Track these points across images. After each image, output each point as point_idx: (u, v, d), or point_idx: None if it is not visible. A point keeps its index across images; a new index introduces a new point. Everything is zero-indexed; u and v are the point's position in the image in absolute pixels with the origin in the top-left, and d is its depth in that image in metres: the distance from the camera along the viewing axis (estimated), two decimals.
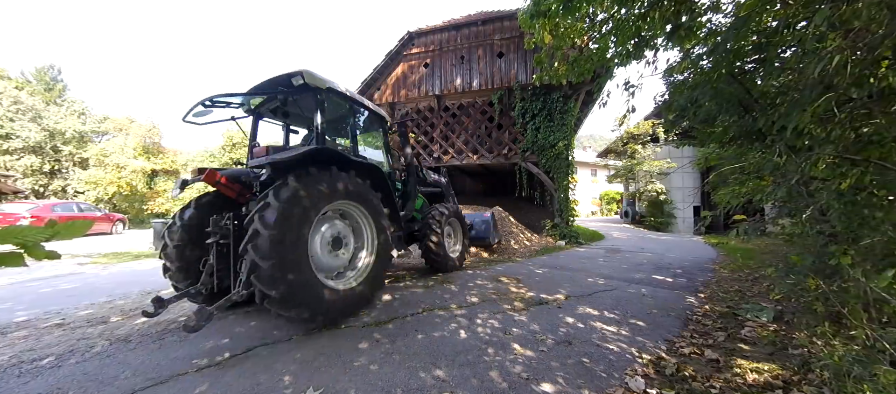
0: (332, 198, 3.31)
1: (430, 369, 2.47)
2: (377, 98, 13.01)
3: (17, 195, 16.94)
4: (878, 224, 2.36)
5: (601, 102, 4.77)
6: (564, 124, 10.51)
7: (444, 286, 4.80)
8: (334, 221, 3.64)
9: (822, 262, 2.86)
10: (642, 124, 18.12)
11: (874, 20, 1.99)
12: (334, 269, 3.59)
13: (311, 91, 3.65)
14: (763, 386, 2.24)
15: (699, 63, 3.66)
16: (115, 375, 2.49)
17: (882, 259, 2.40)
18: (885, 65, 2.19)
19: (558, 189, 10.70)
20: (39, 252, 0.74)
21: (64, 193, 22.03)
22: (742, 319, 3.54)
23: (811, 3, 2.55)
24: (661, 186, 17.30)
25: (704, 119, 4.38)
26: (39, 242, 0.75)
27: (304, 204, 3.01)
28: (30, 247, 0.74)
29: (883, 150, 2.36)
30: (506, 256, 7.75)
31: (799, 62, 2.78)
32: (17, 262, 0.73)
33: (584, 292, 4.57)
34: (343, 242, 3.64)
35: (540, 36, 4.21)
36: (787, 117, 2.42)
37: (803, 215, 3.20)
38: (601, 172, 34.16)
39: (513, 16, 10.96)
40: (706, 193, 13.79)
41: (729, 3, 3.51)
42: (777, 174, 3.18)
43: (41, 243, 0.75)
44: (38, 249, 0.74)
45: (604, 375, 2.40)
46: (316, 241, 3.36)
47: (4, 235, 0.72)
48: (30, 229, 0.74)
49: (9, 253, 0.73)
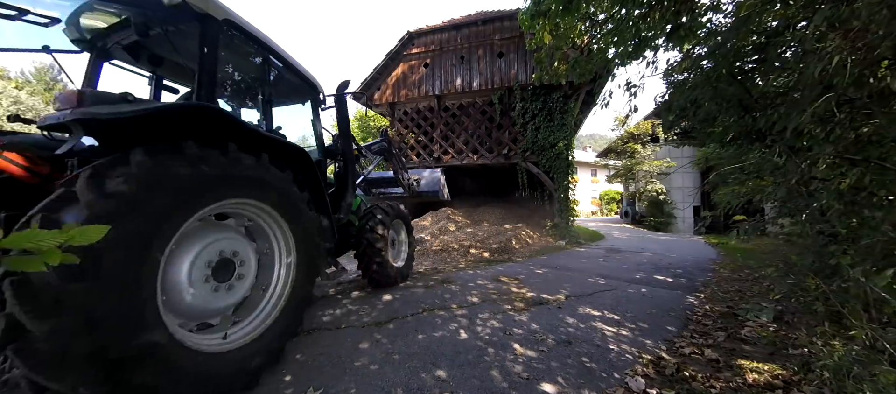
0: (221, 194, 2.02)
1: (430, 369, 2.47)
2: (377, 98, 13.01)
3: None
4: (878, 224, 2.37)
5: (603, 102, 4.78)
6: (564, 124, 10.52)
7: (445, 286, 4.80)
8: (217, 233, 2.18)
9: (822, 262, 2.86)
10: (642, 124, 18.14)
11: (874, 20, 1.99)
12: (213, 313, 2.17)
13: (199, 20, 2.25)
14: (763, 386, 2.25)
15: (699, 63, 3.67)
16: None
17: (882, 259, 2.40)
18: (884, 65, 2.20)
19: (558, 189, 10.70)
20: (56, 256, 0.75)
21: None
22: (742, 319, 3.54)
23: (811, 3, 2.56)
24: (661, 185, 17.31)
25: (704, 119, 4.38)
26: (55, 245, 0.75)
27: (159, 201, 1.71)
28: (47, 252, 0.74)
29: (883, 150, 2.36)
30: (506, 257, 7.75)
31: (799, 62, 2.78)
32: (36, 266, 0.74)
33: (584, 292, 4.57)
34: (235, 267, 2.22)
35: (540, 36, 4.22)
36: (787, 117, 2.43)
37: (803, 215, 3.21)
38: (601, 172, 34.18)
39: (513, 16, 10.96)
40: (706, 193, 13.80)
41: (729, 3, 3.52)
42: (777, 174, 3.19)
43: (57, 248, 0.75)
44: (54, 253, 0.74)
45: (604, 375, 2.40)
46: (182, 266, 1.96)
47: (21, 240, 0.72)
48: (46, 234, 0.74)
49: (27, 258, 0.74)
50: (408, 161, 12.76)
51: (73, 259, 0.78)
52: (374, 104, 13.25)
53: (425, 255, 7.69)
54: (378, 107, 13.39)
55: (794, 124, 2.35)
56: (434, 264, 6.72)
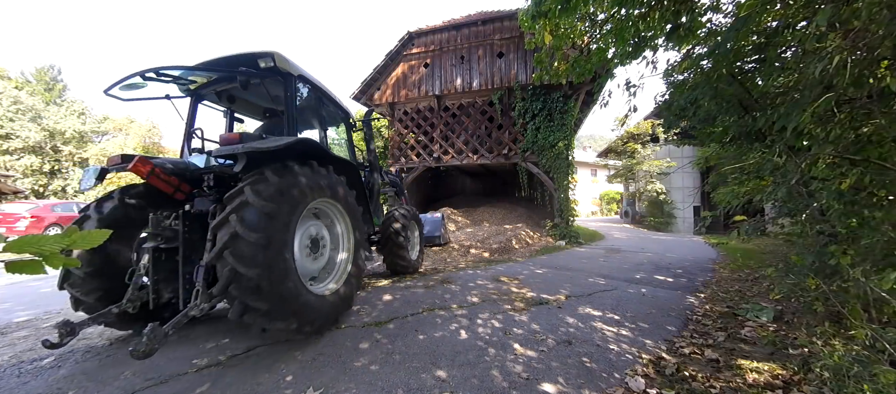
0: (315, 195, 2.96)
1: (430, 369, 2.47)
2: (377, 98, 13.01)
3: (17, 195, 16.92)
4: (878, 224, 2.37)
5: (602, 102, 4.77)
6: (564, 124, 10.52)
7: (445, 286, 4.80)
8: (310, 221, 3.25)
9: (822, 262, 2.86)
10: (642, 124, 18.12)
11: (874, 20, 1.99)
12: (312, 273, 3.25)
13: (281, 77, 3.29)
14: (763, 386, 2.25)
15: (699, 63, 3.66)
16: (115, 375, 2.49)
17: (882, 259, 2.40)
18: (884, 65, 2.20)
19: (558, 189, 10.70)
20: (58, 260, 0.75)
21: (64, 193, 22.04)
22: (742, 319, 3.54)
23: (811, 3, 2.56)
24: (661, 185, 17.30)
25: (704, 119, 4.38)
26: (57, 250, 0.75)
27: (289, 201, 2.66)
28: (48, 255, 0.74)
29: (883, 150, 2.36)
30: (506, 256, 7.75)
31: (799, 62, 2.78)
32: (38, 270, 0.74)
33: (584, 292, 4.57)
34: (321, 244, 3.30)
35: (540, 36, 4.22)
36: (787, 117, 2.43)
37: (803, 215, 3.21)
38: (601, 172, 34.17)
39: (513, 16, 10.96)
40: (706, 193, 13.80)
41: (729, 3, 3.51)
42: (777, 174, 3.19)
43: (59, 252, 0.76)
44: (56, 257, 0.75)
45: (604, 375, 2.40)
46: (295, 244, 2.90)
47: (23, 244, 0.73)
48: (48, 238, 0.75)
49: (28, 261, 0.74)
50: (407, 161, 12.76)
51: (76, 263, 0.79)
52: (374, 104, 13.25)
53: (425, 255, 7.69)
54: (378, 107, 13.38)
55: (794, 124, 2.35)
56: (434, 264, 6.72)
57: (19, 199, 16.40)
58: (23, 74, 25.60)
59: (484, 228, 10.37)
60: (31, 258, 0.74)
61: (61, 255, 0.75)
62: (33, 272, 0.74)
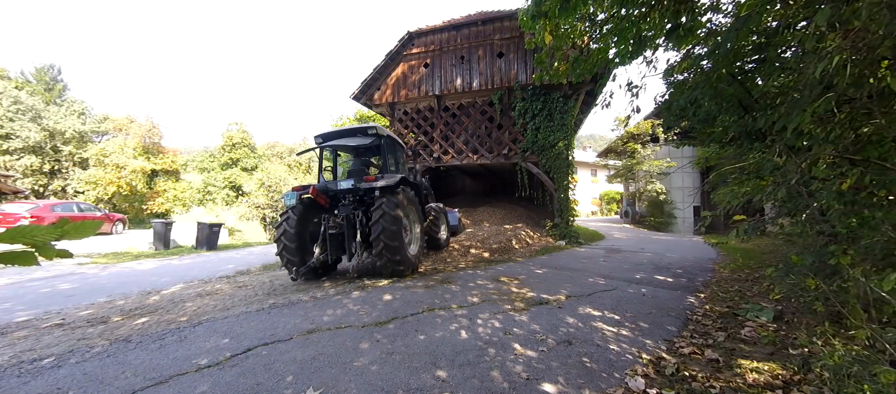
0: (409, 204, 5.69)
1: (430, 369, 2.47)
2: (377, 98, 13.00)
3: (17, 195, 16.91)
4: (878, 224, 2.37)
5: (603, 102, 4.78)
6: (564, 124, 10.51)
7: (445, 286, 4.80)
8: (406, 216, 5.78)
9: (822, 262, 2.86)
10: (642, 124, 18.11)
11: (874, 20, 1.99)
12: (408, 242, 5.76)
13: (377, 136, 5.93)
14: (763, 386, 2.25)
15: (699, 63, 3.66)
16: (115, 375, 2.49)
17: (882, 259, 2.40)
18: (885, 65, 2.20)
19: (558, 189, 10.70)
20: (50, 251, 0.75)
21: (64, 192, 22.03)
22: (742, 319, 3.54)
23: (811, 3, 2.56)
24: (661, 186, 17.30)
25: (704, 119, 4.38)
26: (50, 241, 0.75)
27: (400, 208, 5.29)
28: (41, 246, 0.75)
29: (883, 150, 2.36)
30: (506, 256, 7.75)
31: (799, 62, 2.78)
32: (30, 261, 0.74)
33: (584, 292, 4.57)
34: (410, 227, 5.94)
35: (540, 36, 4.21)
36: (787, 117, 2.43)
37: (803, 215, 3.21)
38: (601, 172, 34.17)
39: (513, 16, 10.96)
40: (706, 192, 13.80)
41: (729, 3, 3.51)
42: (777, 174, 3.18)
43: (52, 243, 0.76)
44: (49, 248, 0.75)
45: (604, 375, 2.40)
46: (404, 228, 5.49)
47: (16, 235, 0.73)
48: (40, 229, 0.75)
49: (21, 252, 0.74)
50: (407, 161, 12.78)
51: (68, 255, 0.79)
52: (373, 104, 13.24)
53: (425, 255, 7.69)
54: (378, 107, 13.37)
55: (794, 124, 2.35)
56: (434, 264, 6.73)
57: (19, 199, 16.38)
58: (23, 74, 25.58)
59: (484, 228, 10.36)
60: (23, 249, 0.74)
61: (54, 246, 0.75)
62: (26, 263, 0.74)
